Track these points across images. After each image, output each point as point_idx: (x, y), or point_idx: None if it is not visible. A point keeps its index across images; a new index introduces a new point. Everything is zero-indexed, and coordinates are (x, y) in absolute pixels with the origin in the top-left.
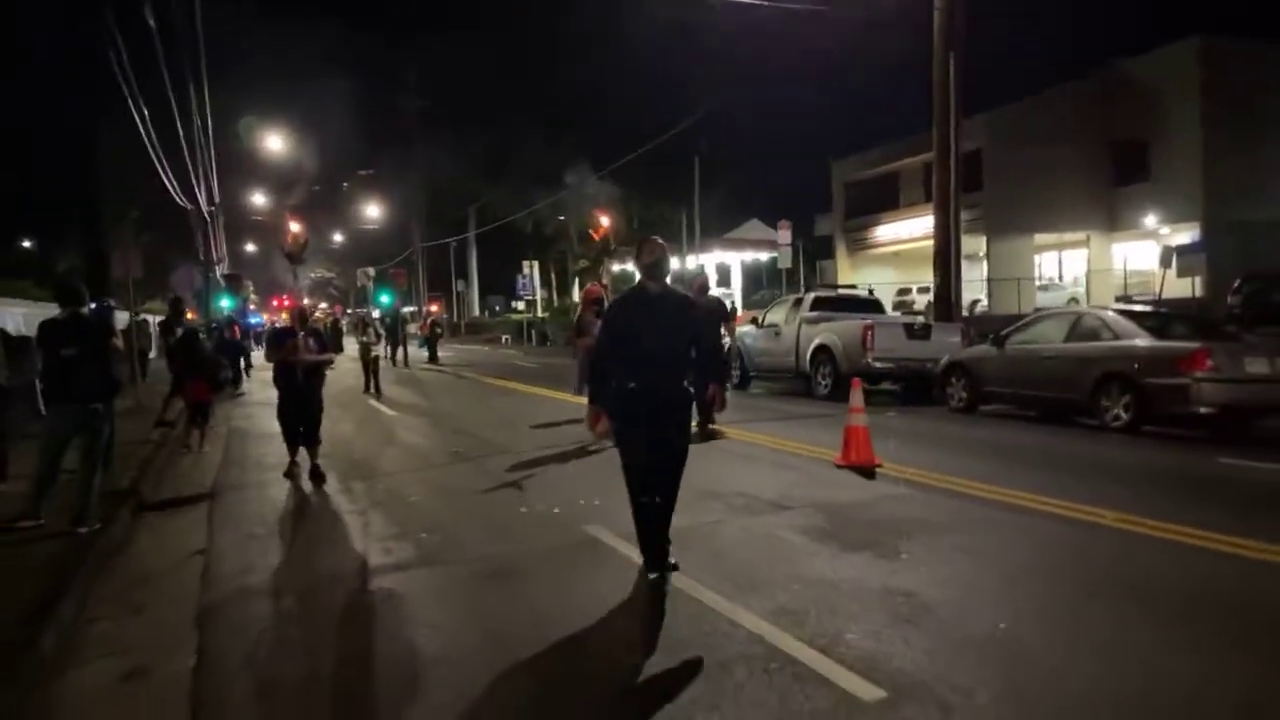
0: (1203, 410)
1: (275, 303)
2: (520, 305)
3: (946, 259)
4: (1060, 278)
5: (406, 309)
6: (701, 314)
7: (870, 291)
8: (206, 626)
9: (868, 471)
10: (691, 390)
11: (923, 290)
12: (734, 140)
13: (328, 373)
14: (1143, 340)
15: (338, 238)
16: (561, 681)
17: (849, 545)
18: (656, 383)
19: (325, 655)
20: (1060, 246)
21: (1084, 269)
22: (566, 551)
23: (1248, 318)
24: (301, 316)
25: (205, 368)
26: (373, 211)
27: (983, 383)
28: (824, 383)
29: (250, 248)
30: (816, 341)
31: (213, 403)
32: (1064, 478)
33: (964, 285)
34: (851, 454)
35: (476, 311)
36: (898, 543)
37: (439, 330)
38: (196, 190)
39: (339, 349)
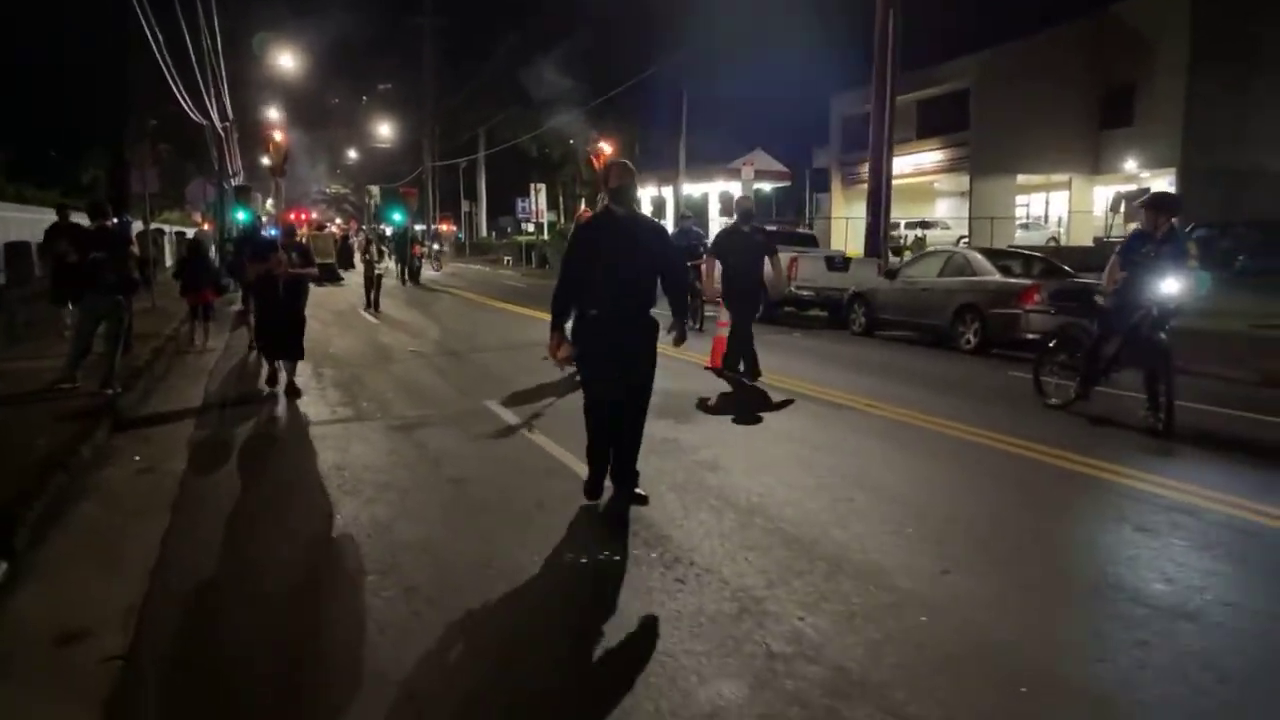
0: (1029, 336)
1: (292, 216)
2: (529, 228)
3: (877, 200)
4: (1046, 218)
5: (418, 227)
6: (665, 239)
7: (810, 226)
8: (194, 446)
9: (719, 370)
10: (654, 319)
11: (911, 225)
12: (738, 70)
13: (335, 287)
14: (993, 277)
15: (352, 154)
16: (427, 478)
17: (660, 414)
18: (620, 309)
19: (275, 468)
20: (1046, 188)
21: (1065, 210)
22: (462, 415)
23: (1199, 262)
24: (288, 230)
25: (210, 274)
26: (385, 130)
27: (877, 311)
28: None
29: (267, 161)
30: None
31: (214, 305)
32: (888, 383)
33: (951, 222)
34: (715, 359)
35: (485, 232)
36: (694, 415)
37: (424, 251)
38: (208, 105)
39: (349, 265)
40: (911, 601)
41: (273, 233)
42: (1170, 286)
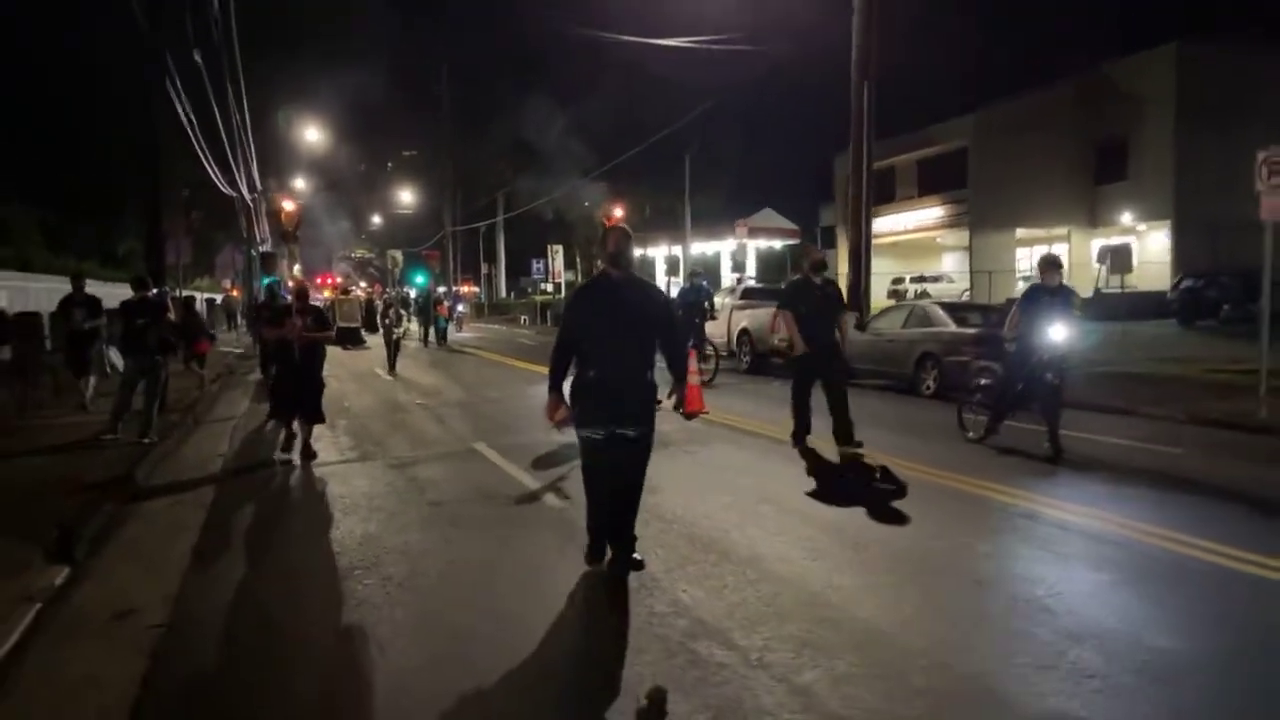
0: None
1: (319, 281)
2: (549, 288)
3: (858, 258)
4: None
5: (440, 289)
6: (664, 303)
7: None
8: (218, 483)
9: (690, 415)
10: (654, 381)
11: (915, 279)
12: (745, 132)
13: (360, 350)
14: (948, 328)
15: (376, 219)
16: (412, 502)
17: None
18: (617, 372)
19: (287, 495)
20: (1047, 241)
21: (1066, 263)
22: (453, 455)
23: (1184, 311)
24: (301, 294)
25: (202, 329)
26: (408, 196)
27: (851, 361)
28: (745, 358)
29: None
30: (741, 325)
31: (207, 353)
32: (822, 421)
33: (953, 275)
34: (690, 404)
35: (504, 293)
36: (655, 448)
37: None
38: (237, 177)
39: (374, 328)
40: (773, 579)
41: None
42: (1058, 334)
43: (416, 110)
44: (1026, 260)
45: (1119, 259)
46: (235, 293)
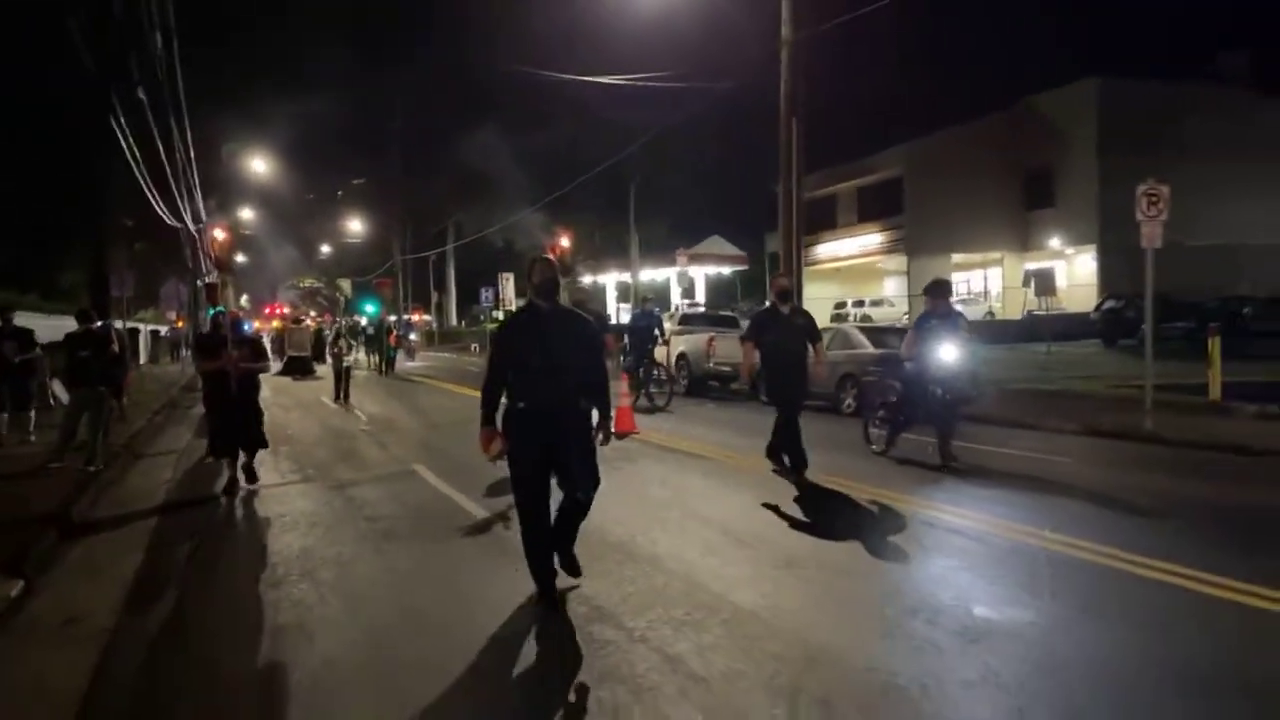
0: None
1: (267, 310)
2: (500, 315)
3: (792, 285)
4: (985, 294)
5: (392, 318)
6: (591, 334)
7: (731, 310)
8: (163, 504)
9: (621, 435)
10: (586, 409)
11: (856, 304)
12: (693, 162)
13: (310, 381)
14: (866, 350)
15: (325, 249)
16: (348, 518)
17: None
18: (547, 403)
19: (230, 514)
20: (983, 265)
21: (999, 286)
22: (391, 476)
23: (1106, 331)
24: (233, 324)
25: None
26: (357, 225)
27: None
28: (683, 381)
29: (241, 258)
30: (679, 349)
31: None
32: (757, 441)
33: (894, 300)
34: (620, 425)
35: (455, 321)
36: None
37: (400, 342)
38: (181, 209)
39: (323, 358)
40: (665, 572)
41: (247, 327)
42: (948, 354)
43: (366, 139)
44: (965, 284)
45: (1043, 282)
46: (180, 324)
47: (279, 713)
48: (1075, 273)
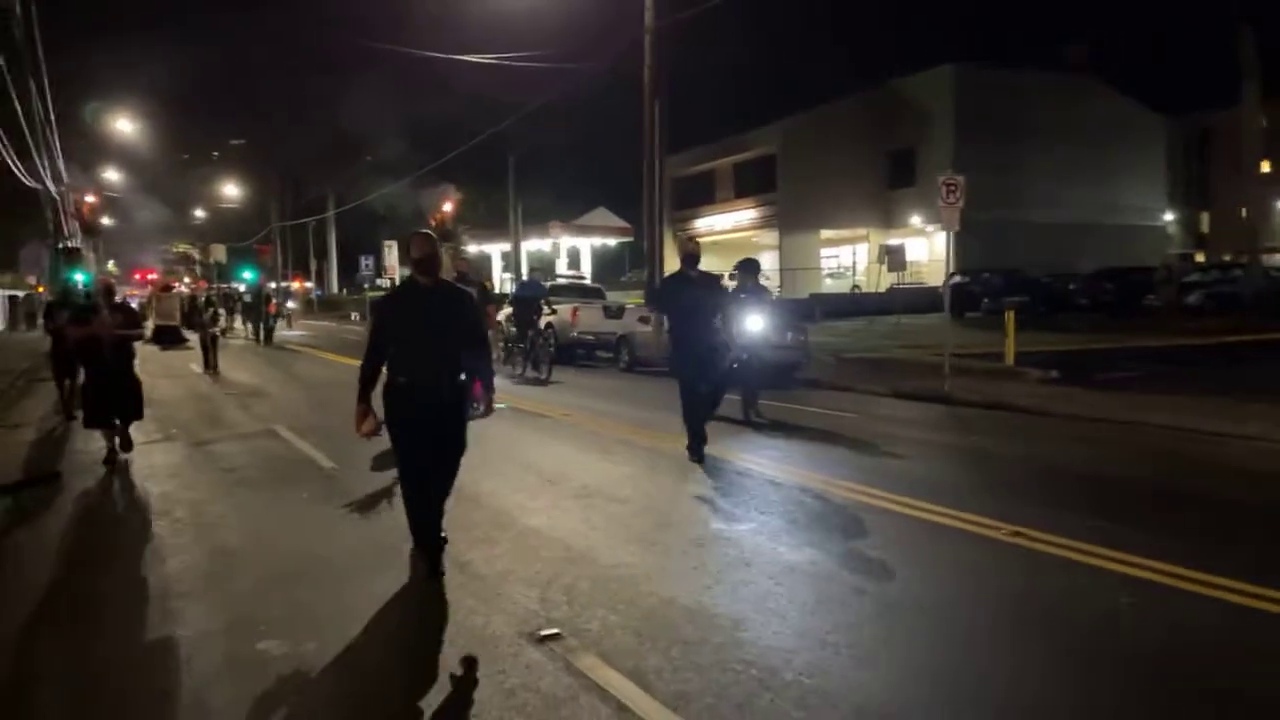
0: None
1: (138, 276)
2: (384, 282)
3: (653, 259)
4: (854, 269)
5: (271, 285)
6: (471, 309)
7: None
8: (30, 462)
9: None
10: (465, 383)
11: (732, 277)
12: (578, 134)
13: (180, 350)
14: None
15: (200, 213)
16: (207, 470)
17: None
18: (426, 377)
19: (100, 471)
20: (851, 241)
21: (865, 261)
22: (251, 435)
23: (953, 304)
24: (107, 291)
25: None
26: (234, 190)
27: (636, 350)
28: (551, 349)
29: (108, 221)
30: (545, 320)
31: None
32: (598, 401)
33: (769, 274)
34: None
35: (336, 289)
36: None
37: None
38: (40, 170)
39: (194, 326)
40: (481, 506)
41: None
42: (754, 325)
43: (245, 101)
44: (834, 260)
45: (894, 258)
46: (39, 289)
47: (136, 614)
48: (935, 249)
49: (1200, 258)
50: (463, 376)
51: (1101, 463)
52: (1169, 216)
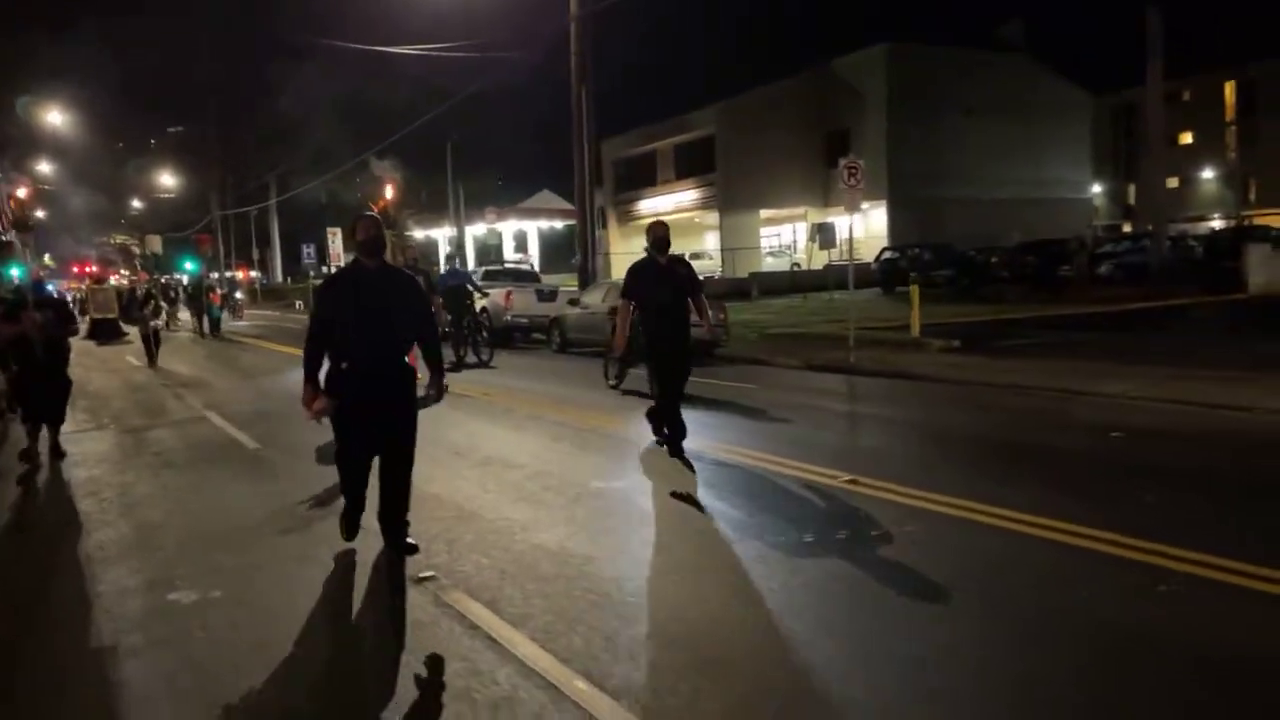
0: None
1: (75, 269)
2: (330, 269)
3: (585, 242)
4: (794, 247)
5: (213, 275)
6: (418, 293)
7: (531, 265)
8: None
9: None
10: (412, 367)
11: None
12: (519, 119)
13: (119, 345)
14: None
15: (136, 204)
16: (136, 455)
17: None
18: (372, 362)
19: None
20: (791, 220)
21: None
22: (183, 421)
23: (884, 279)
24: (34, 285)
25: None
26: (171, 180)
27: (567, 332)
28: (484, 335)
29: (41, 214)
30: (480, 304)
31: None
32: (523, 380)
33: (712, 254)
34: None
35: (280, 277)
36: None
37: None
38: None
39: (131, 320)
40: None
41: (50, 288)
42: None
43: (182, 90)
44: (774, 239)
45: (825, 235)
46: None
47: (63, 579)
48: (872, 226)
49: (1127, 228)
50: (407, 360)
51: (964, 421)
52: (1096, 189)
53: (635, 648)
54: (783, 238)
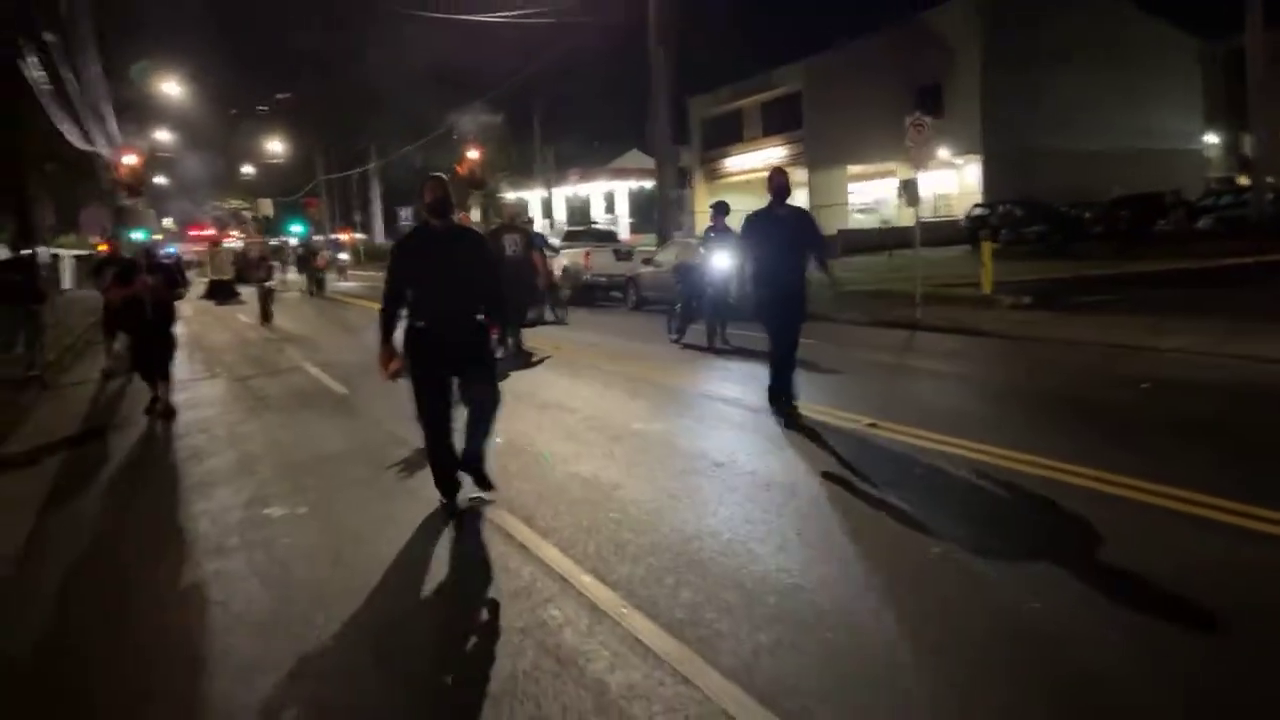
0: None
1: (191, 232)
2: None
3: (666, 201)
4: (886, 203)
5: (318, 238)
6: (485, 250)
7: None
8: (92, 397)
9: None
10: (485, 323)
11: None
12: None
13: (235, 305)
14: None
15: (248, 169)
16: (242, 399)
17: None
18: (444, 320)
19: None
20: (880, 175)
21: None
22: (284, 371)
23: (972, 236)
24: (146, 252)
25: None
26: (279, 146)
27: (642, 290)
28: (567, 292)
29: (160, 180)
30: (562, 264)
31: None
32: (604, 337)
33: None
34: None
35: (380, 240)
36: None
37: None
38: (94, 133)
39: (247, 281)
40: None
41: (171, 251)
42: (721, 262)
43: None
44: (861, 195)
45: (910, 191)
46: (104, 248)
47: (179, 496)
48: (965, 182)
49: (1244, 180)
50: (480, 317)
51: (1019, 375)
52: (1209, 139)
53: (639, 554)
54: (875, 193)
